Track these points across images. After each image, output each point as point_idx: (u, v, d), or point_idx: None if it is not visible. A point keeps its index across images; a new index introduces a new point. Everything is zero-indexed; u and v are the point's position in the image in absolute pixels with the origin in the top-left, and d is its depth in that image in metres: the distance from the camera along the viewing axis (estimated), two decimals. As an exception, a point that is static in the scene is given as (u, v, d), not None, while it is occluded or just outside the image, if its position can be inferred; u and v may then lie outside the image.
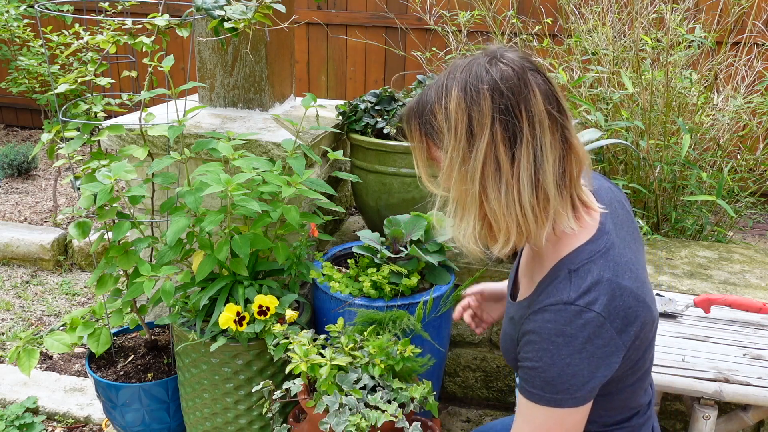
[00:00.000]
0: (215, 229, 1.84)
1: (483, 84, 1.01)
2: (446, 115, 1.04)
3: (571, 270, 1.08)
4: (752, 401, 1.57)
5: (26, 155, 4.46)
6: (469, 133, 1.02)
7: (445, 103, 1.04)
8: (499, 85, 1.01)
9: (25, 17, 3.83)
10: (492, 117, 1.01)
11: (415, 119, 1.10)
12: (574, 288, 1.06)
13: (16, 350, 1.91)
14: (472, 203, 1.05)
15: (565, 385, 1.06)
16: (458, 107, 1.02)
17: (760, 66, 2.96)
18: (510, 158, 1.01)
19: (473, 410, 2.44)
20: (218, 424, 1.93)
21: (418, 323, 1.81)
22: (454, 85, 1.03)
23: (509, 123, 1.01)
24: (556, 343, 1.05)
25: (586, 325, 1.04)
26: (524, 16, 3.84)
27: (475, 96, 1.01)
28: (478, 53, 1.08)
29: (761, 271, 2.37)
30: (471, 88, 1.02)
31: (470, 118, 1.02)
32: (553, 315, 1.06)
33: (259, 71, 2.29)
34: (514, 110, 1.01)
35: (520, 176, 1.01)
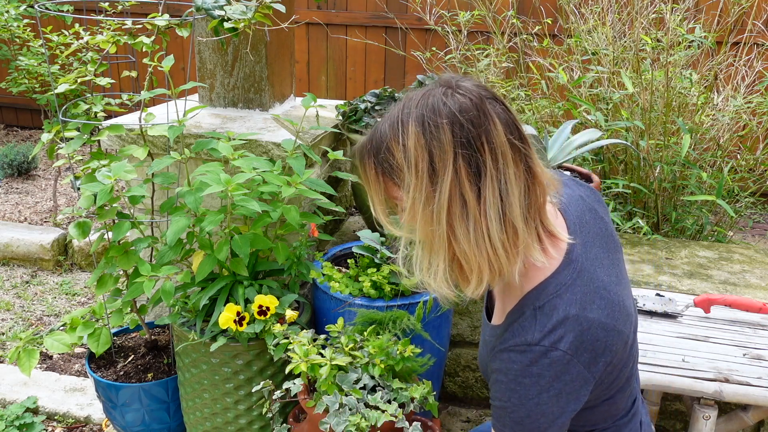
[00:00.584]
0: (215, 229, 1.84)
1: (441, 117, 0.96)
2: (405, 152, 0.97)
3: (536, 307, 1.05)
4: (752, 401, 1.57)
5: (26, 155, 4.46)
6: (431, 170, 0.96)
7: (403, 140, 0.97)
8: (458, 117, 0.96)
9: (25, 17, 3.83)
10: (454, 152, 0.95)
11: (370, 157, 1.03)
12: (539, 327, 1.03)
13: (16, 350, 1.91)
14: (440, 244, 0.99)
15: (534, 425, 1.05)
16: (417, 144, 0.96)
17: (760, 66, 2.96)
18: (476, 194, 0.96)
19: (473, 410, 2.44)
20: (218, 424, 1.93)
21: (418, 323, 1.81)
22: (411, 120, 0.97)
23: (472, 157, 0.96)
24: (523, 384, 1.04)
25: (552, 365, 1.02)
26: (524, 16, 3.84)
27: (434, 131, 0.96)
28: (432, 84, 1.02)
29: (761, 271, 2.37)
30: (429, 122, 0.96)
31: (431, 155, 0.96)
32: (518, 355, 1.04)
33: (259, 71, 2.29)
34: (475, 143, 0.96)
35: (487, 212, 0.96)
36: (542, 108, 3.12)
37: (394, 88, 2.40)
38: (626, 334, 1.09)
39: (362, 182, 1.08)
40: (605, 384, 1.11)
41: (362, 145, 1.05)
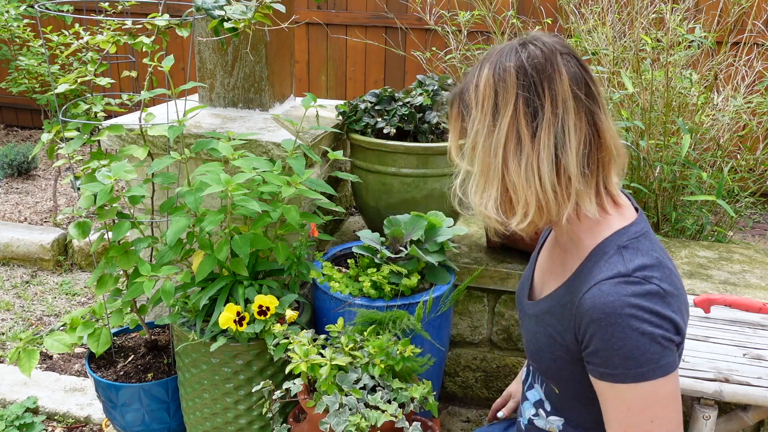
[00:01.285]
0: (215, 229, 1.84)
1: (510, 63, 1.07)
2: (476, 91, 1.09)
3: (619, 246, 1.08)
4: (752, 401, 1.57)
5: (26, 155, 4.46)
6: (495, 107, 1.07)
7: (477, 81, 1.09)
8: (524, 64, 1.06)
9: (25, 17, 3.83)
10: (516, 94, 1.05)
11: (456, 97, 1.15)
12: (627, 262, 1.05)
13: (16, 350, 1.91)
14: (494, 175, 1.08)
15: (646, 356, 1.01)
16: (486, 84, 1.08)
17: (760, 66, 2.96)
18: (531, 134, 1.05)
19: (473, 410, 2.44)
20: (218, 424, 1.93)
21: (418, 323, 1.81)
22: (486, 65, 1.09)
23: (531, 100, 1.05)
24: (623, 315, 1.01)
25: (649, 295, 1.02)
26: (524, 16, 3.84)
27: (502, 73, 1.07)
28: (515, 39, 1.14)
29: (761, 271, 2.37)
30: (499, 67, 1.07)
31: (496, 94, 1.06)
32: (613, 287, 1.03)
33: (259, 71, 2.29)
34: (536, 88, 1.05)
35: (540, 152, 1.04)
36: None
37: (394, 88, 2.40)
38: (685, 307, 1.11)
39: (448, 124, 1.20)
40: None
41: (455, 89, 1.18)
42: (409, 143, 2.20)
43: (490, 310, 2.38)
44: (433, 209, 2.12)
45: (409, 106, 2.29)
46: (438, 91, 2.35)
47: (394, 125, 2.26)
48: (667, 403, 1.03)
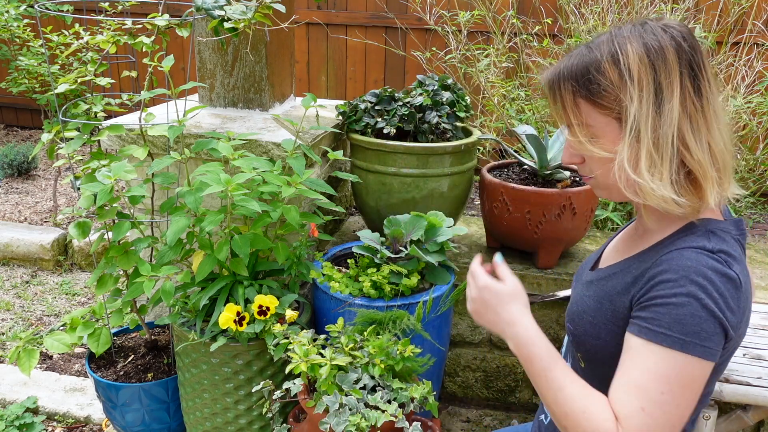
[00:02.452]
0: (215, 229, 1.84)
1: (665, 40, 1.05)
2: (623, 71, 1.05)
3: (708, 230, 1.07)
4: (752, 401, 1.57)
5: (26, 155, 4.46)
6: (657, 86, 1.04)
7: (623, 60, 1.05)
8: (680, 41, 1.05)
9: (25, 17, 3.83)
10: (680, 71, 1.04)
11: (566, 81, 1.10)
12: (714, 242, 1.04)
13: (16, 350, 1.91)
14: (666, 155, 1.04)
15: (695, 328, 0.98)
16: (641, 62, 1.04)
17: (760, 66, 2.96)
18: (701, 110, 1.04)
19: (473, 410, 2.44)
20: (218, 424, 1.93)
21: (418, 323, 1.81)
22: (629, 44, 1.06)
23: (695, 78, 1.05)
24: (694, 282, 0.99)
25: (726, 277, 1.00)
26: (524, 16, 3.84)
27: (658, 50, 1.04)
28: (641, 21, 1.11)
29: (761, 271, 2.37)
30: (652, 44, 1.05)
31: (656, 72, 1.04)
32: (695, 255, 1.02)
33: (259, 71, 2.29)
34: (697, 66, 1.05)
35: (710, 128, 1.05)
36: (542, 108, 3.12)
37: (394, 88, 2.40)
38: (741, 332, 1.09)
39: (553, 112, 1.15)
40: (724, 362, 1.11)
41: (554, 73, 1.12)
42: (409, 143, 2.20)
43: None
44: (433, 209, 2.12)
45: (409, 106, 2.29)
46: (438, 91, 2.35)
47: (394, 125, 2.26)
48: (686, 386, 0.99)
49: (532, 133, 2.22)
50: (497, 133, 3.36)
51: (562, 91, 1.11)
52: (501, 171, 2.39)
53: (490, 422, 2.39)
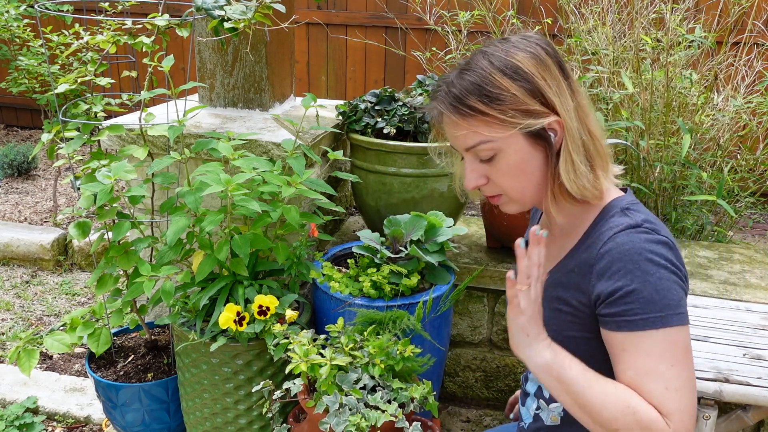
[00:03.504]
0: (215, 229, 1.84)
1: (537, 46, 1.12)
2: (517, 76, 1.09)
3: (622, 208, 1.12)
4: (752, 401, 1.57)
5: (26, 155, 4.46)
6: (554, 86, 1.10)
7: (513, 68, 1.09)
8: (546, 47, 1.13)
9: (25, 17, 3.83)
10: (556, 68, 1.11)
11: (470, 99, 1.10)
12: (634, 217, 1.09)
13: (16, 350, 1.91)
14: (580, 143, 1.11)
15: (665, 300, 1.03)
16: (530, 64, 1.09)
17: (760, 66, 2.96)
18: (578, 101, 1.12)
19: (473, 410, 2.44)
20: (218, 424, 1.93)
21: (418, 323, 1.81)
22: (512, 54, 1.10)
23: (566, 77, 1.12)
24: (639, 261, 1.04)
25: (661, 243, 1.06)
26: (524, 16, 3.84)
27: (538, 53, 1.11)
28: (501, 39, 1.16)
29: (761, 271, 2.37)
30: (529, 49, 1.11)
31: (549, 73, 1.10)
32: (627, 237, 1.06)
33: (259, 71, 2.29)
34: (563, 66, 1.13)
35: (589, 117, 1.13)
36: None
37: (394, 88, 2.40)
38: None
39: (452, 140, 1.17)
40: None
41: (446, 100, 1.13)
42: (409, 143, 2.20)
43: (490, 310, 2.38)
44: (433, 209, 2.12)
45: (409, 106, 2.29)
46: (438, 91, 2.35)
47: (394, 125, 2.26)
48: (684, 351, 1.04)
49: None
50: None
51: (466, 110, 1.11)
52: (501, 171, 2.39)
53: (490, 422, 2.39)
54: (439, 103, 1.14)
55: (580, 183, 1.10)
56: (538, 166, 1.13)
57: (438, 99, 1.15)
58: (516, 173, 1.13)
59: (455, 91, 1.12)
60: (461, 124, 1.12)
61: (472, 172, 1.17)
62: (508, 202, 1.19)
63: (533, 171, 1.13)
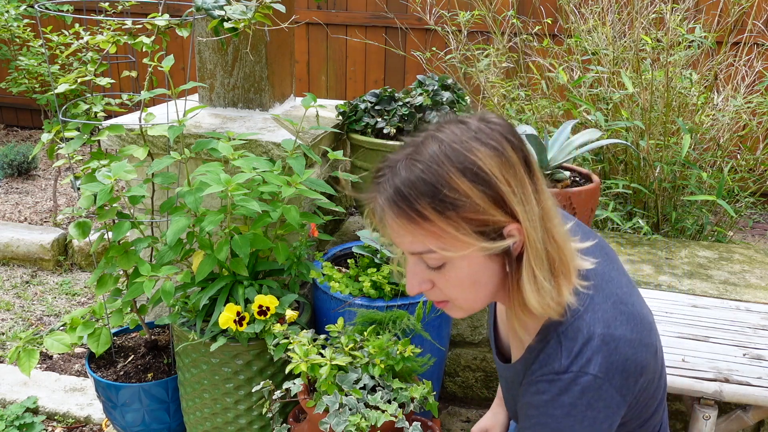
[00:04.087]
0: (215, 229, 1.84)
1: (498, 138, 0.94)
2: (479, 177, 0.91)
3: (559, 333, 0.99)
4: (752, 401, 1.57)
5: (26, 155, 4.46)
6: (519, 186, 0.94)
7: (475, 167, 0.91)
8: (510, 138, 0.96)
9: (25, 17, 3.83)
10: (522, 167, 0.95)
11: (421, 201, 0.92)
12: (565, 353, 0.97)
13: (16, 350, 1.91)
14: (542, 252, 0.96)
15: None
16: (492, 163, 0.92)
17: (760, 66, 2.96)
18: (543, 203, 0.97)
19: (473, 410, 2.44)
20: (218, 424, 1.93)
21: (418, 323, 1.81)
22: (473, 146, 0.93)
23: (530, 172, 0.96)
24: (555, 416, 0.98)
25: (584, 392, 0.96)
26: (524, 16, 3.84)
27: (502, 150, 0.93)
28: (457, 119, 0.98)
29: (761, 271, 2.37)
30: (492, 143, 0.93)
31: (512, 171, 0.94)
32: (547, 385, 0.98)
33: (259, 71, 2.29)
34: (528, 160, 0.97)
35: (554, 222, 0.98)
36: (542, 108, 3.12)
37: (394, 88, 2.40)
38: (653, 345, 1.04)
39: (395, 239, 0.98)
40: (641, 403, 1.06)
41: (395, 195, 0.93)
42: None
43: (491, 310, 2.37)
44: (433, 209, 2.11)
45: (409, 106, 2.29)
46: (438, 91, 2.35)
47: (394, 125, 2.26)
48: None
49: (532, 133, 2.22)
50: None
51: (414, 216, 0.93)
52: (501, 171, 2.39)
53: (490, 422, 2.38)
54: (381, 195, 0.95)
55: (543, 302, 0.97)
56: (494, 275, 0.99)
57: (380, 189, 0.95)
58: (467, 285, 0.99)
59: (402, 187, 0.93)
60: (406, 228, 0.95)
61: (415, 276, 1.01)
62: (454, 309, 1.05)
63: (488, 282, 0.99)
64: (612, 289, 1.04)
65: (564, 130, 2.28)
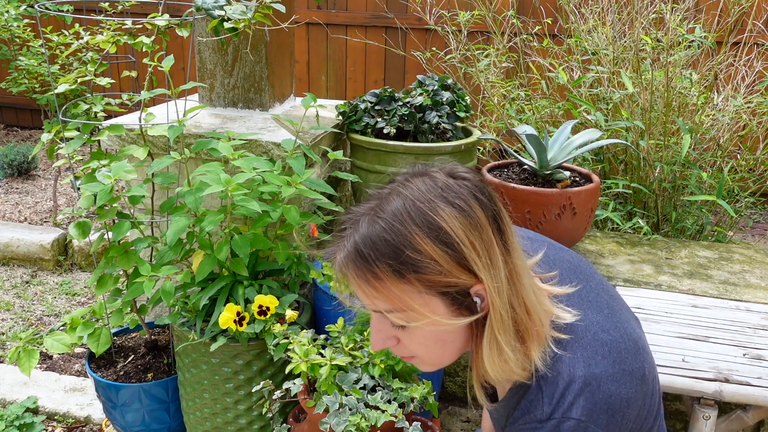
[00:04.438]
0: (215, 229, 1.84)
1: (467, 197, 0.91)
2: (448, 240, 0.89)
3: (538, 377, 0.97)
4: (752, 401, 1.57)
5: (26, 155, 4.46)
6: (485, 250, 0.91)
7: (440, 227, 0.88)
8: (479, 195, 0.92)
9: (25, 17, 3.83)
10: (490, 228, 0.92)
11: (381, 263, 0.89)
12: (546, 400, 0.95)
13: (16, 350, 1.91)
14: (507, 321, 0.93)
15: None
16: (460, 224, 0.89)
17: (760, 66, 2.96)
18: (512, 268, 0.94)
19: (473, 410, 2.44)
20: (218, 424, 1.93)
21: (418, 323, 1.81)
22: (439, 206, 0.89)
23: (501, 232, 0.93)
24: None
25: None
26: (524, 16, 3.84)
27: (468, 210, 0.90)
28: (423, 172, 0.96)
29: (761, 271, 2.37)
30: (458, 203, 0.90)
31: (479, 233, 0.91)
32: None
33: (259, 71, 2.29)
34: (499, 217, 0.93)
35: (523, 284, 0.95)
36: (542, 108, 3.12)
37: (394, 88, 2.41)
38: (639, 369, 1.01)
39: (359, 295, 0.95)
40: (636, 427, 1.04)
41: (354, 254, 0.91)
42: (409, 143, 2.20)
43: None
44: (433, 209, 2.11)
45: (409, 106, 2.29)
46: (438, 91, 2.35)
47: (394, 125, 2.26)
48: None
49: (532, 133, 2.22)
50: (497, 133, 3.36)
51: (376, 276, 0.90)
52: (501, 171, 2.39)
53: (490, 422, 2.39)
54: (341, 252, 0.93)
55: (504, 369, 0.95)
56: (461, 333, 0.97)
57: (341, 245, 0.93)
58: (432, 343, 0.97)
59: (362, 246, 0.90)
60: (366, 287, 0.92)
61: (379, 333, 0.98)
62: (422, 364, 1.03)
63: (454, 340, 0.97)
64: (591, 317, 1.02)
65: (564, 130, 2.28)
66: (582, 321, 1.01)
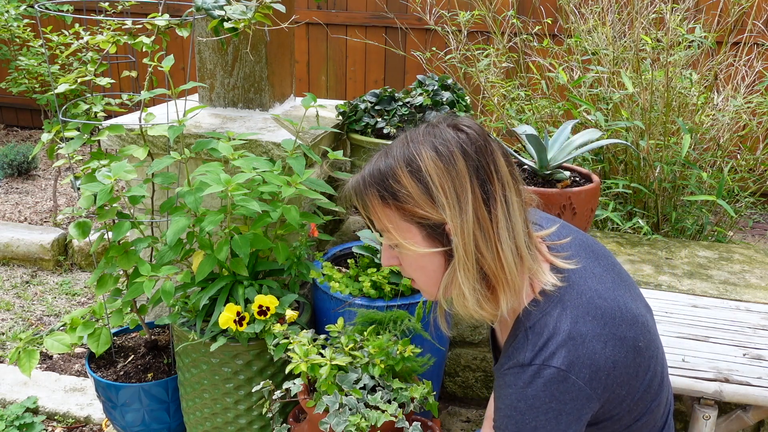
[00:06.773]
0: (215, 229, 1.84)
1: (452, 146, 1.02)
2: (421, 178, 1.01)
3: (527, 328, 1.05)
4: (752, 401, 1.57)
5: (26, 155, 4.46)
6: (455, 194, 1.01)
7: (417, 166, 1.02)
8: (467, 146, 1.02)
9: (25, 17, 3.83)
10: (469, 177, 1.01)
11: (372, 188, 1.06)
12: (530, 347, 1.03)
13: (16, 350, 1.91)
14: (472, 266, 1.02)
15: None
16: (436, 168, 1.01)
17: (760, 66, 2.96)
18: (489, 217, 1.01)
19: (473, 410, 2.44)
20: (218, 424, 1.93)
21: (418, 323, 1.81)
22: (422, 149, 1.03)
23: (484, 182, 1.02)
24: (519, 409, 1.02)
25: (547, 384, 1.00)
26: (524, 16, 3.84)
27: (449, 157, 1.01)
28: (432, 121, 1.08)
29: (761, 271, 2.37)
30: (441, 149, 1.02)
31: (452, 179, 1.01)
32: (513, 378, 1.03)
33: (259, 71, 2.29)
34: (485, 169, 1.02)
35: (500, 234, 1.02)
36: (542, 108, 3.12)
37: (394, 88, 2.40)
38: (632, 339, 1.06)
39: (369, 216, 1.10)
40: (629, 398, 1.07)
41: (358, 180, 1.09)
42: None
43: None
44: (433, 209, 2.11)
45: (409, 106, 2.29)
46: (438, 91, 2.35)
47: (394, 125, 2.26)
48: None
49: (532, 133, 2.22)
50: (497, 133, 3.36)
51: (368, 198, 1.07)
52: (501, 171, 2.39)
53: (490, 422, 2.39)
54: (358, 176, 1.10)
55: (467, 311, 1.05)
56: (438, 267, 1.07)
57: (360, 172, 1.11)
58: (416, 269, 1.09)
59: (366, 174, 1.08)
60: (366, 209, 1.09)
61: (385, 251, 1.14)
62: (421, 291, 1.15)
63: (435, 271, 1.07)
64: (590, 284, 1.08)
65: (564, 130, 2.28)
66: (579, 286, 1.08)
